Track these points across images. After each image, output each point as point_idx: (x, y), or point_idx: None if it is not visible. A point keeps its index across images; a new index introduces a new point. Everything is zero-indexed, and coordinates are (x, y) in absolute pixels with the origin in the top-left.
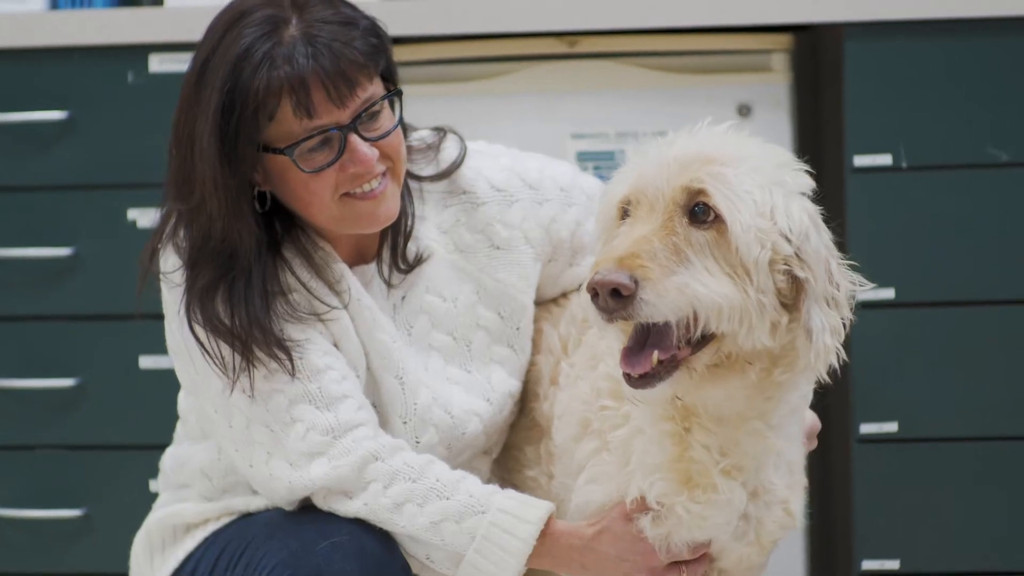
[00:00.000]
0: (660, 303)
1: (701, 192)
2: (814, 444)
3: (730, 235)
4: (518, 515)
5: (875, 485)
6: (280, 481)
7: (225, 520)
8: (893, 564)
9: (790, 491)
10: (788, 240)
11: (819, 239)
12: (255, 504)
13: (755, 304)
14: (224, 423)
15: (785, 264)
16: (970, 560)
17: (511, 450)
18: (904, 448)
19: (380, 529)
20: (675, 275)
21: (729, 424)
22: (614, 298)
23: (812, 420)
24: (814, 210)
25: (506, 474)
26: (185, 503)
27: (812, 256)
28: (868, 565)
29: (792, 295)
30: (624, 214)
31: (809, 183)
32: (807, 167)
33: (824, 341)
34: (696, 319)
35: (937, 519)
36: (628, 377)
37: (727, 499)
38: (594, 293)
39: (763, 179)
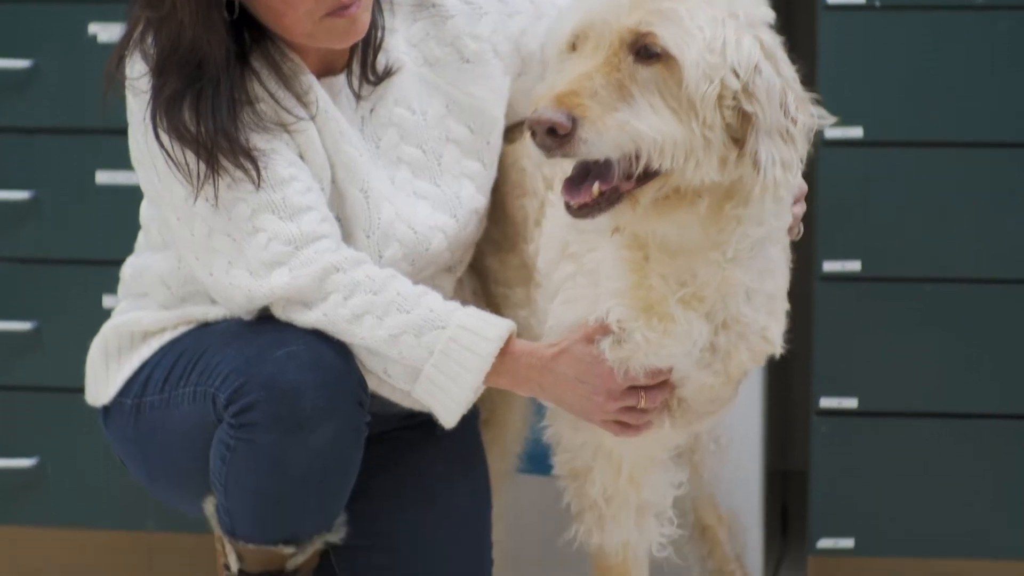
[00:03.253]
0: (599, 141)
1: (649, 35)
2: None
3: (678, 72)
4: (478, 332)
5: (836, 323)
6: (240, 290)
7: (183, 329)
8: (851, 402)
9: (769, 318)
10: (736, 75)
11: (772, 72)
12: (213, 314)
13: (700, 140)
14: (186, 231)
15: (733, 99)
16: (927, 401)
17: (499, 287)
18: (866, 286)
19: (338, 342)
20: (616, 112)
21: (684, 255)
22: (551, 136)
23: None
24: (773, 42)
25: (497, 310)
26: (143, 311)
27: (761, 89)
28: (826, 403)
29: (742, 130)
30: (573, 48)
31: (768, 14)
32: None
33: (773, 174)
34: (638, 156)
35: (896, 359)
36: (568, 206)
37: (685, 330)
38: (532, 132)
39: (716, 12)
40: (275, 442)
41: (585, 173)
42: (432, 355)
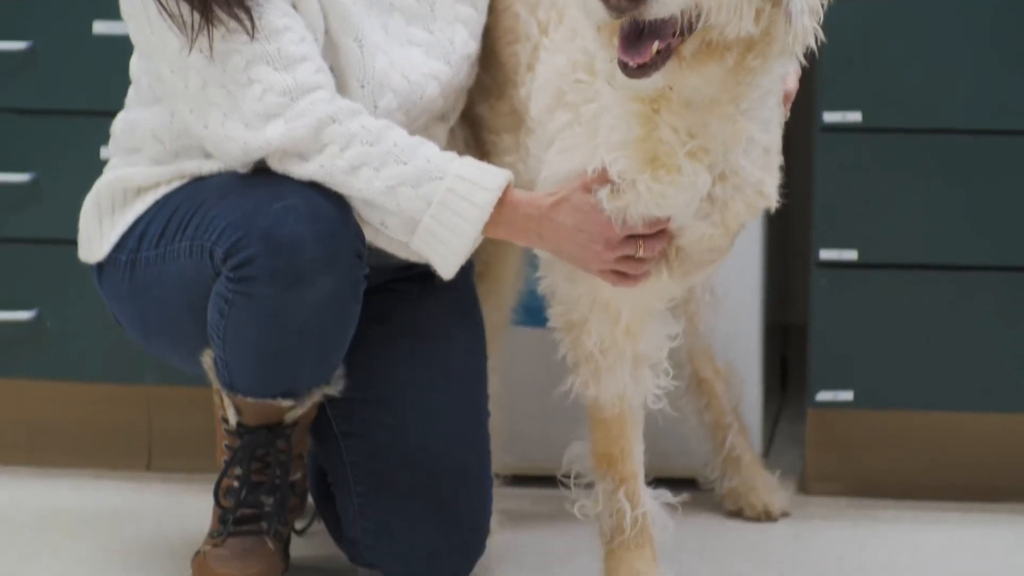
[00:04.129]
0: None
1: None
2: (785, 112)
3: None
4: (476, 182)
5: (836, 175)
6: (235, 142)
7: (177, 184)
8: (851, 254)
9: (764, 172)
10: None
11: None
12: (207, 167)
13: None
14: (180, 84)
15: None
16: (928, 253)
17: (488, 134)
18: (866, 137)
19: (335, 194)
20: None
21: (701, 108)
22: None
23: (790, 85)
24: None
25: (485, 158)
26: (136, 167)
27: None
28: (826, 255)
29: None
30: None
31: None
32: None
33: (803, 22)
34: (698, 12)
35: (897, 211)
36: (625, 67)
37: (690, 181)
38: None
39: None
40: (274, 296)
41: (637, 33)
42: (430, 206)
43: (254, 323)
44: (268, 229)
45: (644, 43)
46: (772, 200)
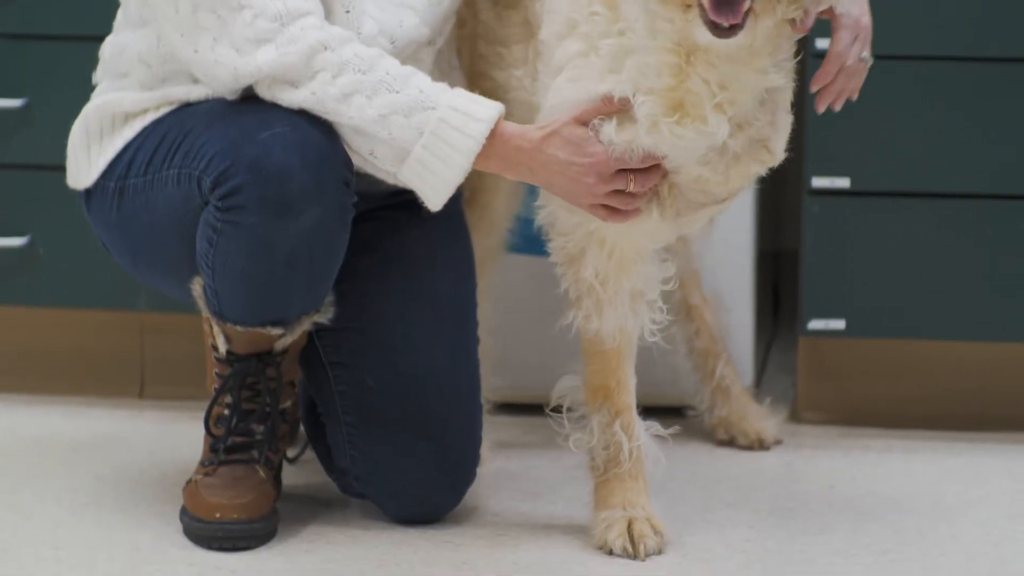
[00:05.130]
0: None
1: None
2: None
3: None
4: (468, 112)
5: None
6: (225, 67)
7: (165, 110)
8: (843, 182)
9: (771, 128)
10: None
11: None
12: (195, 93)
13: None
14: (170, 8)
15: None
16: (921, 181)
17: (496, 46)
18: None
19: (323, 122)
20: None
21: (740, 62)
22: None
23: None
24: None
25: (491, 70)
26: (124, 92)
27: None
28: (818, 183)
29: None
30: None
31: None
32: None
33: None
34: None
35: (890, 138)
36: (716, 27)
37: (712, 131)
38: None
39: None
40: (262, 224)
41: None
42: (422, 136)
43: (243, 252)
44: (256, 158)
45: (736, 3)
46: (778, 157)
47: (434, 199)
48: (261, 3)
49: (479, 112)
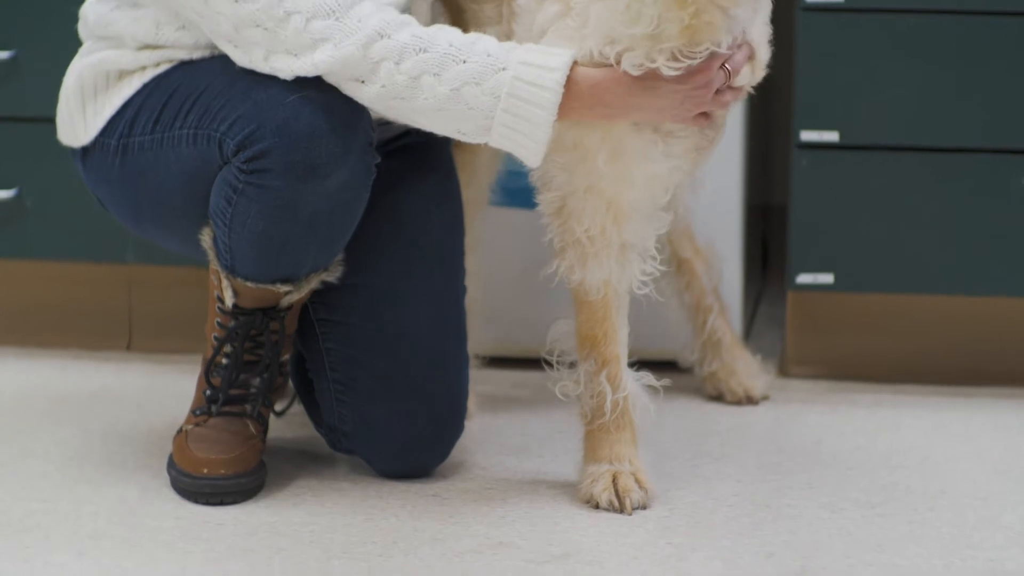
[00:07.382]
0: None
1: None
2: None
3: None
4: (541, 64)
5: (817, 55)
6: (283, 73)
7: (165, 67)
8: (832, 136)
9: (761, 42)
10: None
11: None
12: (197, 55)
13: None
14: (212, 27)
15: None
16: (910, 134)
17: (470, 3)
18: (848, 17)
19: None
20: None
21: None
22: None
23: None
24: None
25: (465, 27)
26: (120, 50)
27: None
28: (807, 136)
29: None
30: None
31: None
32: None
33: None
34: None
35: (879, 91)
36: None
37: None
38: None
39: None
40: (287, 187)
41: None
42: (499, 100)
43: (264, 213)
44: (284, 121)
45: None
46: (761, 72)
47: (531, 158)
48: (309, 4)
49: (552, 61)
